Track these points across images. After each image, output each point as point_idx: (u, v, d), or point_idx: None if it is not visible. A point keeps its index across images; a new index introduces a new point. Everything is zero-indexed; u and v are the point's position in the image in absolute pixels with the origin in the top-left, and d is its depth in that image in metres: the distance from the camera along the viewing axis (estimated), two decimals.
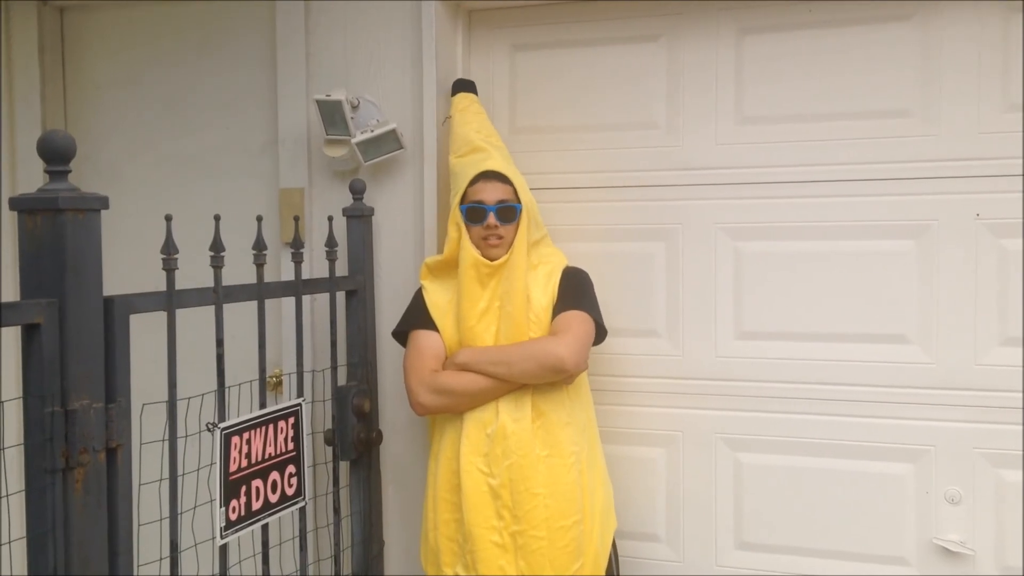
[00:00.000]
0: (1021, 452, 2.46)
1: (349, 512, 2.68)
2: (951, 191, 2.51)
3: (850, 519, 2.61)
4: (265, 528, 2.19)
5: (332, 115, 2.75)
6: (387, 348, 2.74)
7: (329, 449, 2.61)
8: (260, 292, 2.22)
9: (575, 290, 2.46)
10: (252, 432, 2.13)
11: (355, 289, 2.68)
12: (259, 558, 2.21)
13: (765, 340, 2.68)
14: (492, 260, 2.39)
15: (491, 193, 2.40)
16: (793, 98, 2.64)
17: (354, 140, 2.73)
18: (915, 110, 2.55)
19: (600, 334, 2.47)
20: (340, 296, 2.64)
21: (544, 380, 2.34)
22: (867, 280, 2.59)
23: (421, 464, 2.78)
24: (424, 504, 2.49)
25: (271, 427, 2.20)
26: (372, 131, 2.73)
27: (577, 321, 2.37)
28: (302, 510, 2.31)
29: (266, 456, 2.17)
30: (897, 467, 2.57)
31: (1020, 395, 2.46)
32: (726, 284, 2.71)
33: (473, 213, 2.39)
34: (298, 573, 2.34)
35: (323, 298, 2.65)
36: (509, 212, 2.39)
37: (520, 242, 2.40)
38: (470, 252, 2.39)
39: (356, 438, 2.60)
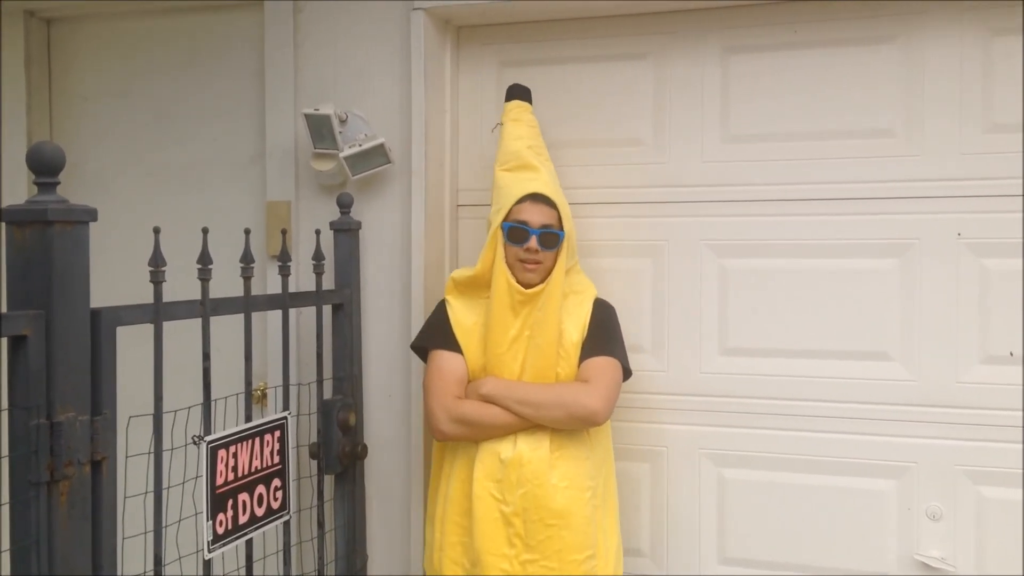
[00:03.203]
0: (1002, 469, 2.49)
1: (333, 526, 2.67)
2: (933, 211, 2.54)
3: (833, 535, 2.62)
4: (249, 542, 2.18)
5: (320, 129, 2.75)
6: (373, 362, 2.74)
7: (314, 463, 2.61)
8: (247, 305, 2.21)
9: (606, 331, 2.42)
10: (238, 445, 2.12)
11: (341, 303, 2.68)
12: (243, 572, 2.20)
13: (749, 356, 2.70)
14: (526, 286, 2.35)
15: (537, 216, 2.34)
16: (778, 117, 2.67)
17: (342, 154, 2.73)
18: (898, 130, 2.58)
19: (625, 375, 2.44)
20: (326, 310, 2.64)
21: (571, 428, 2.32)
22: (850, 298, 2.61)
23: (405, 478, 2.78)
24: (428, 523, 2.48)
25: (257, 440, 2.19)
26: (360, 145, 2.73)
27: (610, 370, 2.34)
28: (286, 524, 2.30)
29: (252, 469, 2.17)
30: (879, 483, 2.59)
31: (1001, 413, 2.49)
32: (711, 301, 2.73)
33: (515, 233, 2.34)
34: None
35: (309, 311, 2.65)
36: (552, 239, 2.34)
37: (558, 272, 2.35)
38: (504, 276, 2.34)
39: (341, 452, 2.60)
